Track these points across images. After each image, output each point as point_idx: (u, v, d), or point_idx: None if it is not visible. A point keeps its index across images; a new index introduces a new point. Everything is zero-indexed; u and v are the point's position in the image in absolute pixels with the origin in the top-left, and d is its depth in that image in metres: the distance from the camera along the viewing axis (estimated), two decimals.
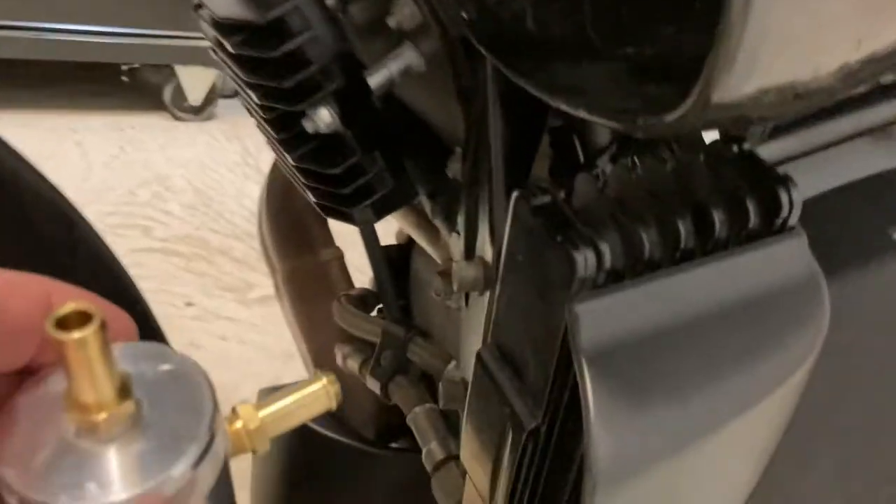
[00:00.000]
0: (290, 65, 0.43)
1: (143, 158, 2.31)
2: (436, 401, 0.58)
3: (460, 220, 0.48)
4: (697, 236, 0.35)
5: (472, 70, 0.45)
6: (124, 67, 2.59)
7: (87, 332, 0.23)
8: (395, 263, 0.66)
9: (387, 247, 0.65)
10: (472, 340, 0.50)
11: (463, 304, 0.49)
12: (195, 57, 2.40)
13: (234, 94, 2.68)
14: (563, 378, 0.35)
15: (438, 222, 0.51)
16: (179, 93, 2.53)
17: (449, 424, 0.60)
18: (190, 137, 2.50)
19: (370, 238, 0.61)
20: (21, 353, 0.27)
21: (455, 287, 0.46)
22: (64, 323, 0.24)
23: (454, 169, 0.47)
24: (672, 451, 0.34)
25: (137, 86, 2.63)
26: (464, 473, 0.46)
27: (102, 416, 0.25)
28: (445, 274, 0.48)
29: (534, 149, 0.40)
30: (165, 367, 0.29)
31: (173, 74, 2.49)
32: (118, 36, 2.30)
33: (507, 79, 0.39)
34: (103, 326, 0.24)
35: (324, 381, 0.34)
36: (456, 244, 0.49)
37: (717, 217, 0.34)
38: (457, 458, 0.56)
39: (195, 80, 2.50)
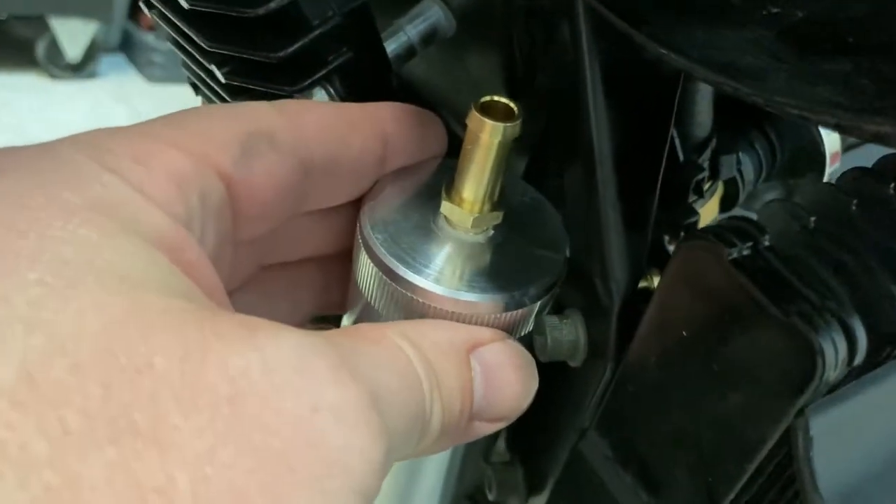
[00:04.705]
0: (280, 28, 0.28)
1: (15, 124, 2.11)
2: None
3: None
4: None
5: (532, 37, 0.32)
6: None
7: (510, 123, 0.23)
8: None
9: None
10: None
11: None
12: (71, 7, 2.13)
13: (119, 49, 2.42)
14: None
15: None
16: (55, 48, 2.25)
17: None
18: (69, 99, 2.26)
19: None
20: (363, 184, 0.28)
21: None
22: (484, 109, 0.24)
23: None
24: None
25: (5, 41, 2.34)
26: None
27: (475, 214, 0.25)
28: None
29: (658, 159, 0.28)
30: (526, 198, 0.29)
31: (47, 27, 2.21)
32: None
33: (614, 50, 0.27)
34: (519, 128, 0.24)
35: None
36: None
37: None
38: None
39: (73, 34, 2.23)
